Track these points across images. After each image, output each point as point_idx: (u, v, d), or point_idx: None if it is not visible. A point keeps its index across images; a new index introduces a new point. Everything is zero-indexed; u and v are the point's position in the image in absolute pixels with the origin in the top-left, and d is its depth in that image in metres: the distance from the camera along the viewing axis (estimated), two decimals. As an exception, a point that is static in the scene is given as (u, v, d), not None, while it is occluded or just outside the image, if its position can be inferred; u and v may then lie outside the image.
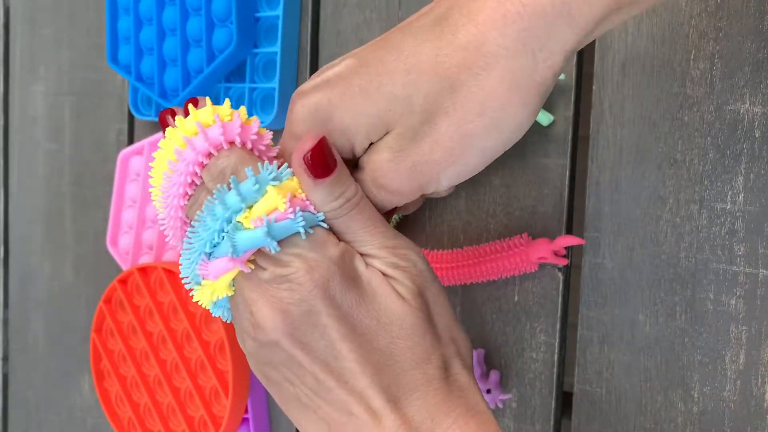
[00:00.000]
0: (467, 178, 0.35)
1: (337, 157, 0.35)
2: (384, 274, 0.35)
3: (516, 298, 0.52)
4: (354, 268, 0.35)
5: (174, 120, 0.36)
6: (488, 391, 0.51)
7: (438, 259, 0.51)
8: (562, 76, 0.49)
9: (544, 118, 0.49)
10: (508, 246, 0.50)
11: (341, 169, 0.35)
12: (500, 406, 0.52)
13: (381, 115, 0.34)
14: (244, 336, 0.36)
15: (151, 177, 0.37)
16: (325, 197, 0.35)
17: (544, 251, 0.48)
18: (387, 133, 0.35)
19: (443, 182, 0.35)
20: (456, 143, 0.33)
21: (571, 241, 0.48)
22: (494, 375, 0.52)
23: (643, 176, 0.48)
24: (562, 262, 0.49)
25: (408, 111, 0.33)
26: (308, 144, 0.34)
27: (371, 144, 0.36)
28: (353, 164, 0.37)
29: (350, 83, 0.34)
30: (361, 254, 0.36)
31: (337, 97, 0.34)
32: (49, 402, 0.76)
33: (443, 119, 0.33)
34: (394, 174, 0.35)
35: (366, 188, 0.36)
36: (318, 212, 0.35)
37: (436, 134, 0.33)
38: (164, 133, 0.36)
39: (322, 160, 0.34)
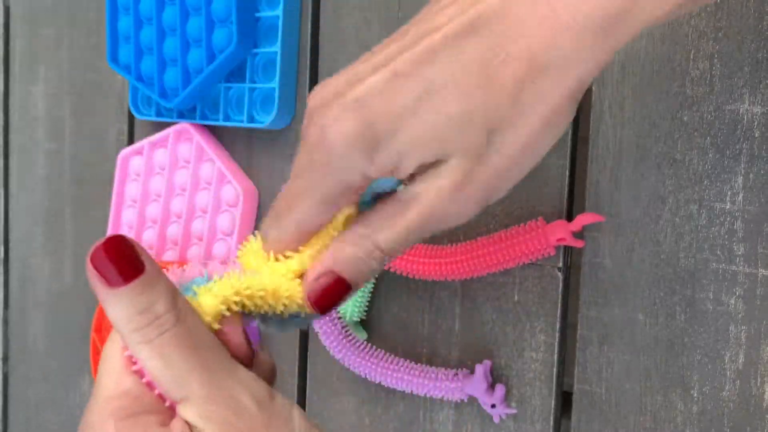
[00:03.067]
0: None
1: (145, 258, 0.28)
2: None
3: (516, 298, 0.52)
4: None
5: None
6: (493, 406, 0.51)
7: (453, 252, 0.51)
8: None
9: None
10: (525, 230, 0.49)
11: (151, 274, 0.28)
12: (504, 418, 0.52)
13: (438, 137, 0.30)
14: None
15: None
16: (123, 310, 0.28)
17: (563, 232, 0.48)
18: (440, 157, 0.31)
19: (504, 193, 0.32)
20: (523, 153, 0.31)
21: (591, 218, 0.47)
22: (499, 390, 0.51)
23: (643, 176, 0.48)
24: (579, 244, 0.49)
25: (468, 130, 0.30)
26: (99, 244, 0.28)
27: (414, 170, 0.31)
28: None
29: (392, 102, 0.30)
30: (179, 399, 0.29)
31: (381, 121, 0.30)
32: (49, 402, 0.76)
33: (509, 132, 0.30)
34: (463, 201, 0.31)
35: (413, 223, 0.31)
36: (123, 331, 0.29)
37: (504, 148, 0.30)
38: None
39: (119, 259, 0.28)
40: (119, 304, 0.28)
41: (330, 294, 0.32)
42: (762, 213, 0.45)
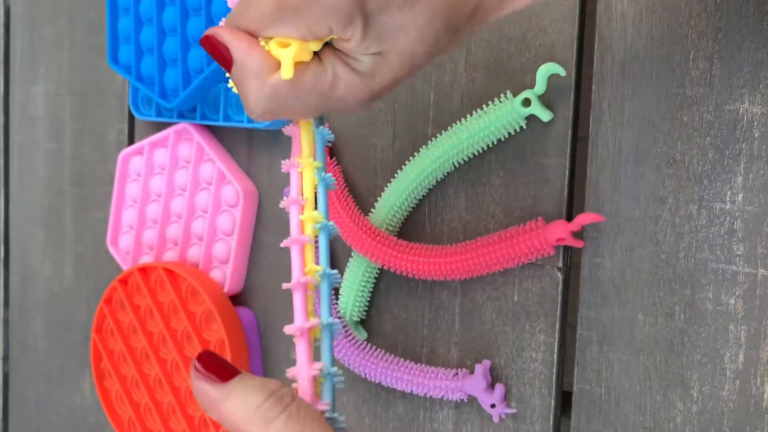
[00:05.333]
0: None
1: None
2: None
3: (516, 298, 0.52)
4: None
5: None
6: (492, 406, 0.51)
7: (453, 251, 0.51)
8: (563, 73, 0.49)
9: (545, 115, 0.49)
10: (524, 230, 0.49)
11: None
12: (504, 418, 0.52)
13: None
14: None
15: None
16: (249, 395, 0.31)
17: (563, 232, 0.48)
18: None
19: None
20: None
21: (591, 218, 0.47)
22: (499, 389, 0.51)
23: (643, 176, 0.48)
24: (579, 244, 0.49)
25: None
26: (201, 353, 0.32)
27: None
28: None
29: None
30: None
31: None
32: (49, 402, 0.76)
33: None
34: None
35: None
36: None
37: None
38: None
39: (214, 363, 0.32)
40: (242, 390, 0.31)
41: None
42: (762, 213, 0.45)
